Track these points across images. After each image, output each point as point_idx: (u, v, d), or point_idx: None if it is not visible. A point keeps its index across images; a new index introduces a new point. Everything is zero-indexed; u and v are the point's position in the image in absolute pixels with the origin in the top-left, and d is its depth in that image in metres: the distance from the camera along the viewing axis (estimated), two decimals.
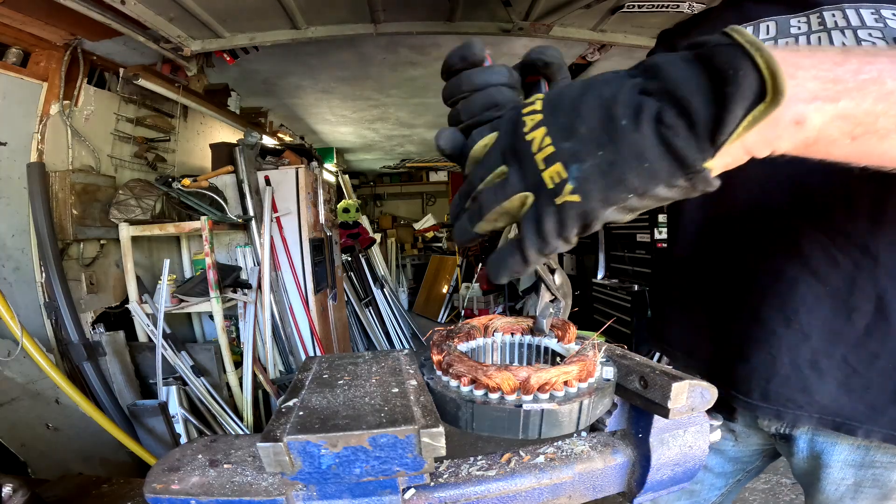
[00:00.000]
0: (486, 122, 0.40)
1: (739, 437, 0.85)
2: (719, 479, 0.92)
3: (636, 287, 3.67)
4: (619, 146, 0.32)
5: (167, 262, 2.32)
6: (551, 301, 0.54)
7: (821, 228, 0.62)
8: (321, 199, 3.43)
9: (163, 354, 2.28)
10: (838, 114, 0.31)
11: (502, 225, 0.39)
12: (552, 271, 0.54)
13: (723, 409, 0.76)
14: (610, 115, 0.32)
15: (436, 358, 0.47)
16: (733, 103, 0.29)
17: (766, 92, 0.29)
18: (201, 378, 2.44)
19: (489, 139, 0.39)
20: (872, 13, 0.61)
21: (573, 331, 0.53)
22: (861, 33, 0.61)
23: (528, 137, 0.35)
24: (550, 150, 0.34)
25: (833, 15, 0.64)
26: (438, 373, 0.46)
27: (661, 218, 3.40)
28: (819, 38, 0.65)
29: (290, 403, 0.40)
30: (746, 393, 0.70)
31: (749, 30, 0.66)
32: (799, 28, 0.67)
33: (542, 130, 0.35)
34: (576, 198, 0.33)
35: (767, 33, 0.70)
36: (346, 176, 6.70)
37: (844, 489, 0.70)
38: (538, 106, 0.36)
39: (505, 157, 0.37)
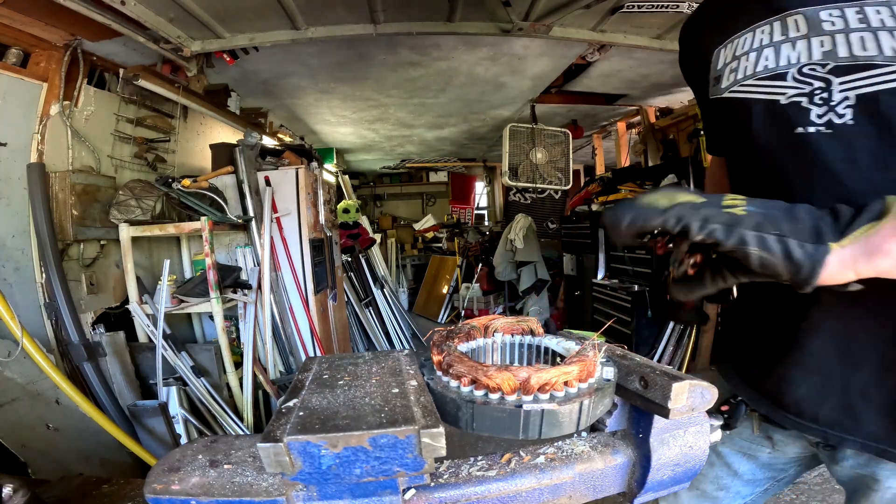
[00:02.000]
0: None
1: (777, 445, 0.82)
2: (747, 486, 0.89)
3: (636, 287, 3.67)
4: (786, 215, 0.49)
5: (167, 263, 2.32)
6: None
7: None
8: (321, 199, 3.43)
9: (163, 355, 2.28)
10: None
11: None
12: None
13: (771, 421, 0.76)
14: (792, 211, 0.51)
15: (436, 358, 0.47)
16: (861, 217, 0.47)
17: (881, 214, 0.45)
18: (201, 378, 2.44)
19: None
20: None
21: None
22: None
23: (726, 203, 0.54)
24: (742, 209, 0.52)
25: (878, 11, 0.59)
26: (439, 373, 0.46)
27: None
28: (862, 37, 0.59)
29: (291, 404, 0.40)
30: (798, 414, 0.69)
31: (776, 25, 0.67)
32: (833, 24, 0.62)
33: (743, 202, 0.54)
34: (742, 212, 0.52)
35: (797, 30, 0.65)
36: (346, 176, 6.70)
37: (891, 496, 0.68)
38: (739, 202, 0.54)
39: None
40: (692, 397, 0.43)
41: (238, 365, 2.66)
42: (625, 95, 4.02)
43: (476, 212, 8.53)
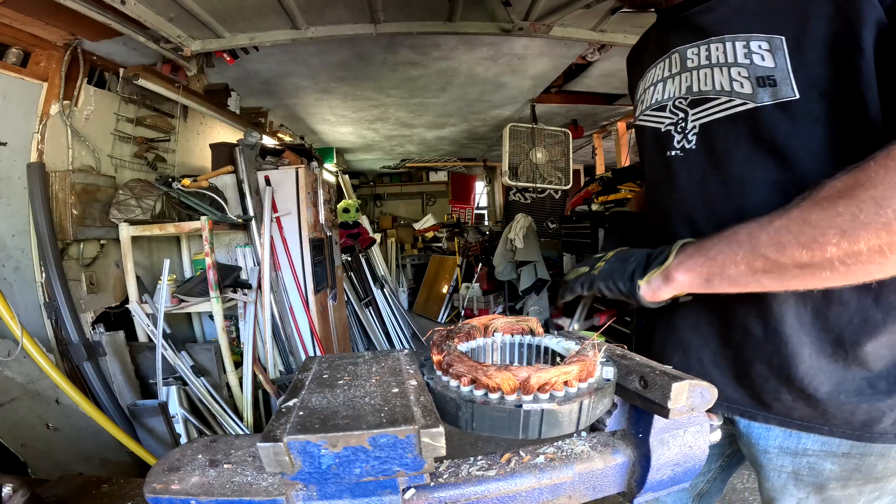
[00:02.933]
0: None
1: None
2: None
3: None
4: (620, 267, 0.74)
5: (167, 262, 2.32)
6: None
7: None
8: (321, 199, 3.43)
9: (163, 354, 2.28)
10: (700, 284, 0.64)
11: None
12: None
13: None
14: (628, 261, 0.74)
15: (436, 358, 0.47)
16: (653, 264, 0.69)
17: (664, 263, 0.67)
18: (201, 378, 2.44)
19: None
20: (744, 46, 0.66)
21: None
22: (733, 72, 0.68)
23: (599, 263, 0.78)
24: (602, 264, 0.77)
25: (717, 48, 0.70)
26: (438, 373, 0.46)
27: None
28: (705, 73, 0.71)
29: (291, 403, 0.40)
30: None
31: (664, 64, 0.82)
32: (692, 61, 0.74)
33: (604, 262, 0.77)
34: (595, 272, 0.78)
35: (675, 67, 0.77)
36: (346, 176, 6.70)
37: (786, 477, 0.75)
38: (608, 258, 0.78)
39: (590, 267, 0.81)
40: (692, 397, 0.43)
41: (238, 364, 2.66)
42: (625, 95, 4.02)
43: (476, 211, 8.53)
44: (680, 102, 0.76)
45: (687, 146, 0.75)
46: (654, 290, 0.67)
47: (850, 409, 0.66)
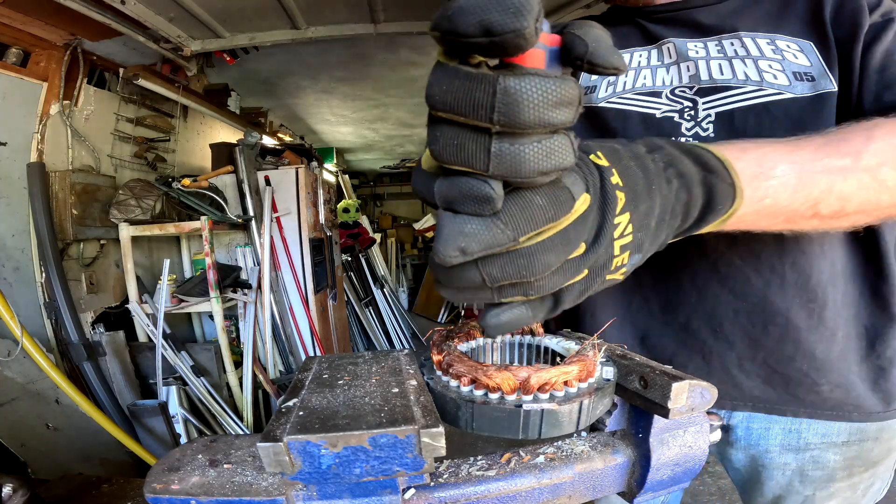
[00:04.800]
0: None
1: None
2: None
3: None
4: (656, 244, 0.39)
5: (167, 262, 2.32)
6: None
7: (737, 254, 0.71)
8: (321, 199, 3.43)
9: (163, 354, 2.28)
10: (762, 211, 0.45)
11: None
12: None
13: None
14: (664, 219, 0.38)
15: (436, 358, 0.47)
16: (702, 225, 0.42)
17: (734, 204, 0.42)
18: (201, 378, 2.44)
19: (583, 201, 0.32)
20: (769, 43, 0.68)
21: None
22: (762, 64, 0.67)
23: (616, 221, 0.34)
24: (629, 239, 0.35)
25: (732, 43, 0.70)
26: (438, 373, 0.46)
27: None
28: (720, 64, 0.71)
29: (290, 403, 0.40)
30: None
31: (654, 52, 0.79)
32: (696, 52, 0.73)
33: (626, 216, 0.35)
34: (620, 277, 0.37)
35: (670, 56, 0.76)
36: (346, 176, 6.70)
37: (790, 474, 0.75)
38: (621, 182, 0.35)
39: (589, 234, 0.34)
40: (692, 397, 0.43)
41: (238, 364, 2.67)
42: None
43: None
44: (682, 91, 0.74)
45: (702, 134, 0.71)
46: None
47: (870, 391, 0.70)
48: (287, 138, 4.59)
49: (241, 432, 2.48)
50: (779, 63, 0.67)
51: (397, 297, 5.55)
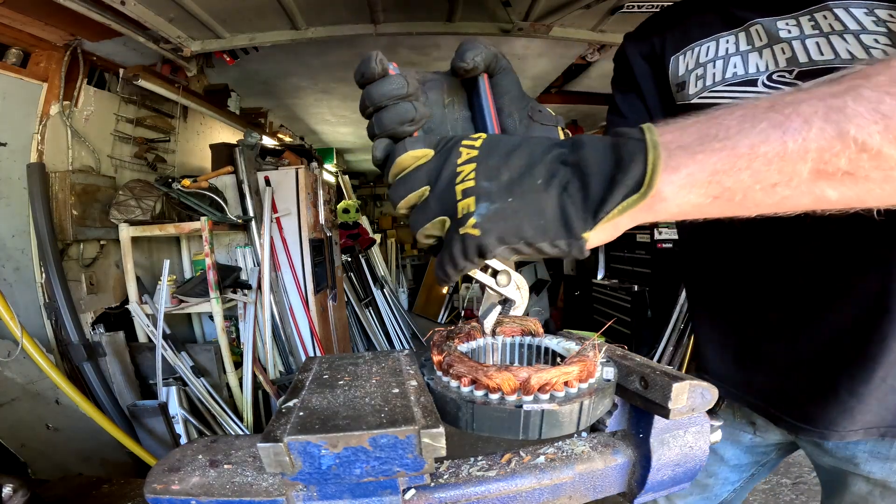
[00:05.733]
0: (400, 137, 0.44)
1: (759, 430, 0.86)
2: (734, 472, 0.92)
3: (636, 287, 3.67)
4: (526, 199, 0.38)
5: (167, 263, 2.32)
6: (501, 302, 0.53)
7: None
8: (321, 199, 3.43)
9: (163, 355, 2.28)
10: (706, 203, 0.37)
11: (437, 236, 0.44)
12: (496, 273, 0.52)
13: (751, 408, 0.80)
14: (531, 171, 0.39)
15: (436, 358, 0.47)
16: (616, 190, 0.36)
17: (643, 185, 0.36)
18: (201, 378, 2.44)
19: (421, 154, 0.43)
20: (866, 13, 0.58)
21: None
22: (865, 39, 0.57)
23: (459, 169, 0.40)
24: (471, 184, 0.39)
25: (825, 16, 0.62)
26: (439, 373, 0.46)
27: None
28: (818, 43, 0.62)
29: (291, 404, 0.40)
30: (801, 418, 0.71)
31: (741, 36, 0.69)
32: (789, 31, 0.65)
33: (472, 165, 0.40)
34: (476, 231, 0.38)
35: (760, 39, 0.68)
36: (346, 176, 6.69)
37: (872, 485, 0.71)
38: (477, 143, 0.41)
39: (429, 177, 0.42)
40: (692, 397, 0.43)
41: (238, 365, 2.66)
42: None
43: None
44: (781, 76, 0.65)
45: None
46: (610, 234, 0.40)
47: None
48: (287, 139, 4.59)
49: (242, 433, 2.48)
50: (885, 36, 0.57)
51: (397, 298, 5.55)
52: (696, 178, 0.36)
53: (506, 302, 0.53)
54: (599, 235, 0.39)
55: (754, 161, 0.34)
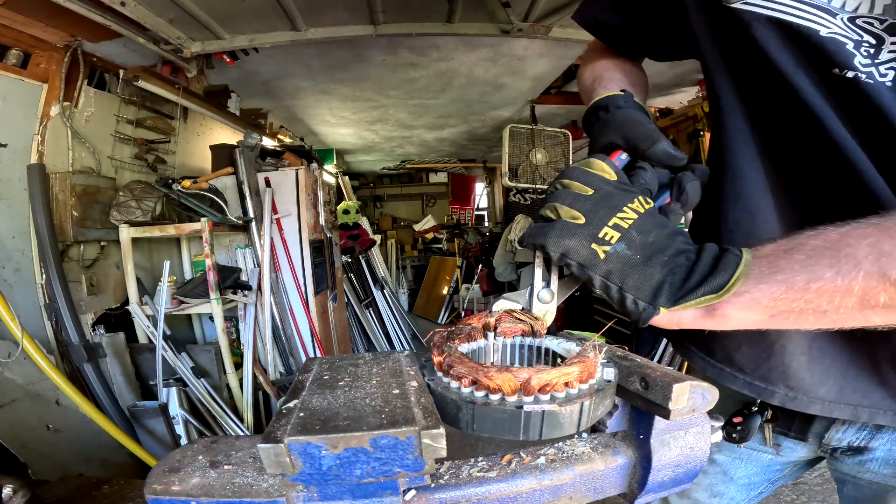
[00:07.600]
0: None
1: (783, 451, 0.79)
2: (742, 490, 0.87)
3: None
4: (647, 263, 0.48)
5: (167, 264, 2.32)
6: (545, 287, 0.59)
7: None
8: (321, 200, 3.43)
9: (163, 356, 2.28)
10: (761, 321, 0.45)
11: (552, 218, 0.55)
12: (549, 283, 0.59)
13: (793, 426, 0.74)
14: (664, 250, 0.49)
15: (436, 359, 0.47)
16: (700, 289, 0.45)
17: (737, 269, 0.44)
18: (201, 379, 2.44)
19: (609, 170, 0.55)
20: None
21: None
22: None
23: (625, 208, 0.52)
24: (624, 224, 0.50)
25: None
26: (439, 374, 0.46)
27: None
28: None
29: (291, 405, 0.40)
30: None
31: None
32: None
33: (634, 215, 0.51)
34: (602, 255, 0.50)
35: None
36: (346, 177, 6.70)
37: None
38: (648, 206, 0.53)
39: (602, 191, 0.53)
40: (693, 398, 0.43)
41: (238, 366, 2.66)
42: None
43: (476, 213, 8.53)
44: (867, 23, 0.51)
45: (878, 78, 0.51)
46: (677, 321, 0.48)
47: None
48: (287, 140, 4.60)
49: (242, 434, 2.48)
50: None
51: (397, 299, 5.55)
52: (758, 301, 0.43)
53: (538, 296, 0.59)
54: (667, 316, 0.48)
55: (807, 293, 0.41)
